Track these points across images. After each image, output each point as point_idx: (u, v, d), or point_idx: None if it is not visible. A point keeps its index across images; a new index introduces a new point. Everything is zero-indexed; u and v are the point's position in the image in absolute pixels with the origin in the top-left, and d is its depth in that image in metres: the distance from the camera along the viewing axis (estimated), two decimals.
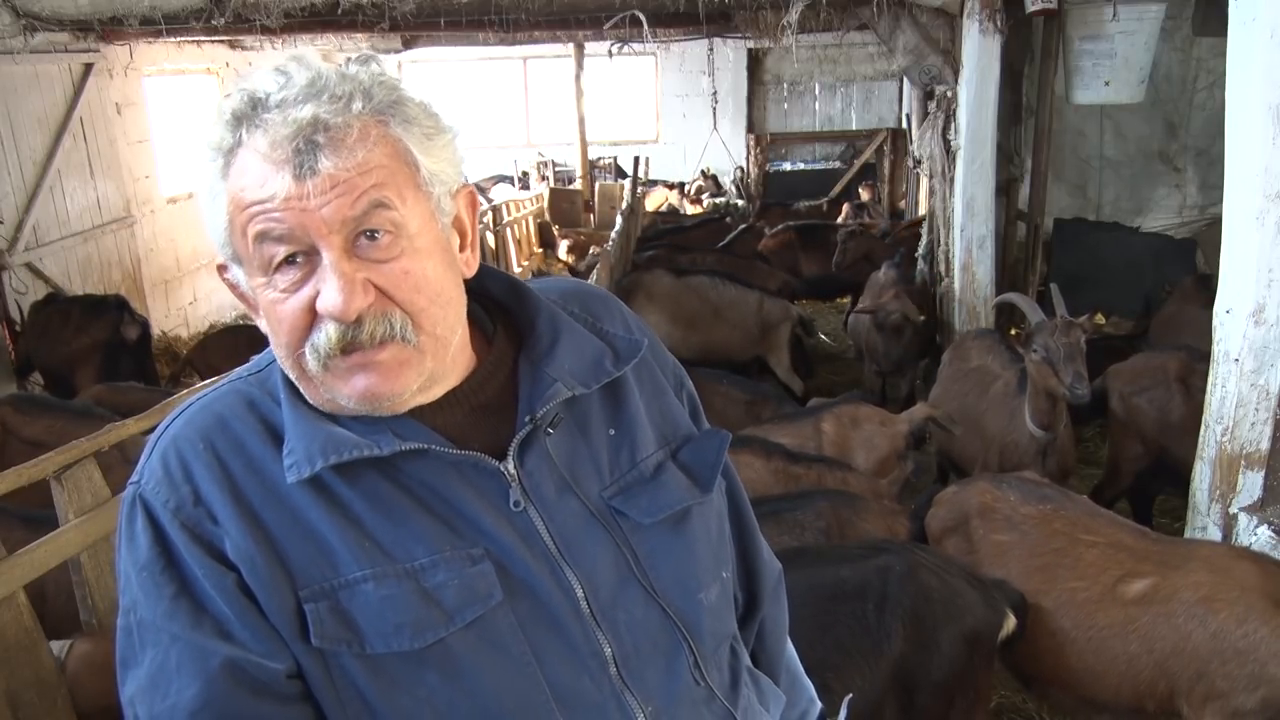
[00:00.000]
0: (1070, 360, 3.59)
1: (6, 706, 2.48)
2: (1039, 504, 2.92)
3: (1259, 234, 2.96)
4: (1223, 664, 2.43)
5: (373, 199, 0.90)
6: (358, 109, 0.90)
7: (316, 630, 0.91)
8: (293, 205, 0.88)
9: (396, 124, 0.93)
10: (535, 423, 1.00)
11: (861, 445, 3.96)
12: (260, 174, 0.89)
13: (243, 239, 0.92)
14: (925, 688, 2.43)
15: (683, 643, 1.05)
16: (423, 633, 0.92)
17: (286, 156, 0.88)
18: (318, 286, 0.91)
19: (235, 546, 0.92)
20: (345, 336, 0.91)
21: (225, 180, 0.91)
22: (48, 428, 4.08)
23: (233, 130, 0.90)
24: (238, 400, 1.00)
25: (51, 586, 2.99)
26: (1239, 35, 2.97)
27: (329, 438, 0.94)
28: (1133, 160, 7.04)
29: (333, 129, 0.88)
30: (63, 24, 5.23)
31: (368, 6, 5.15)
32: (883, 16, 5.11)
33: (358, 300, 0.90)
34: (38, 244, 7.03)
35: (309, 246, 0.90)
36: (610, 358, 1.07)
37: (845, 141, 12.83)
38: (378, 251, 0.92)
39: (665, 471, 1.08)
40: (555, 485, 1.01)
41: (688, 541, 1.07)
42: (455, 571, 0.94)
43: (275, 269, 0.92)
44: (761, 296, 6.17)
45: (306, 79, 0.90)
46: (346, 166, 0.88)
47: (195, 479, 0.94)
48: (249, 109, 0.90)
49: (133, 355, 6.33)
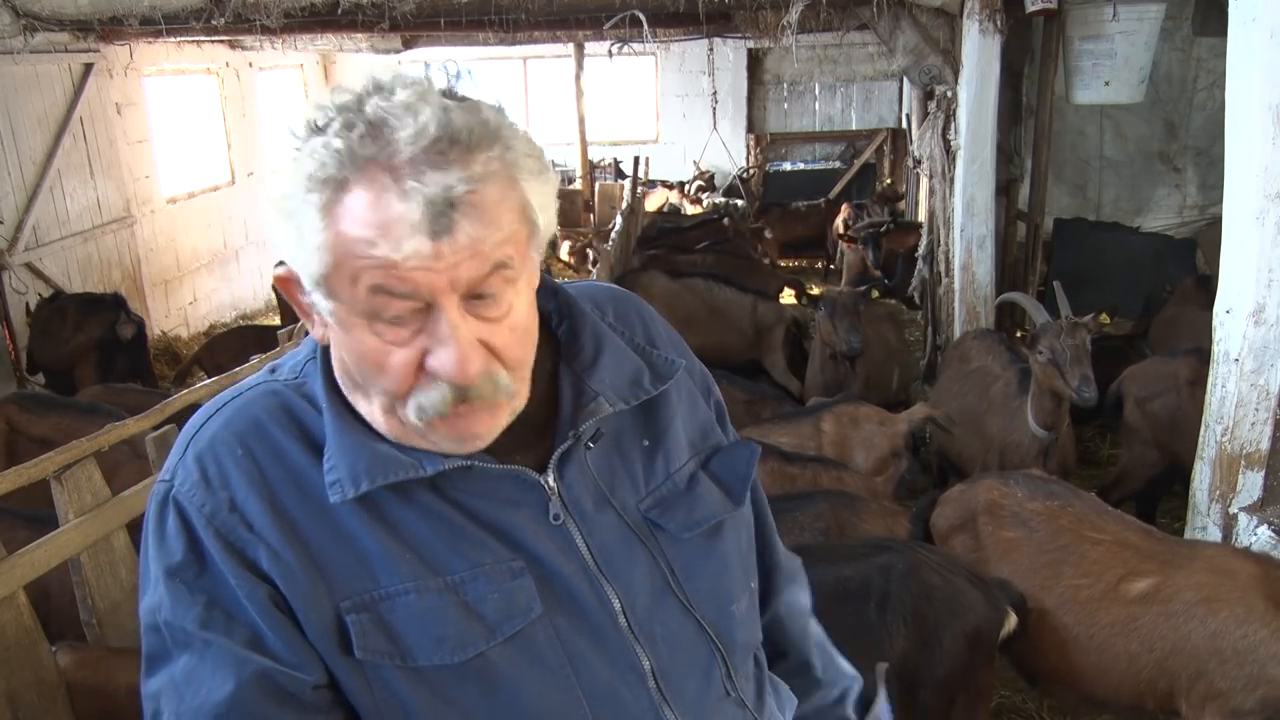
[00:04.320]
0: (1077, 362, 3.60)
1: (6, 706, 2.48)
2: (1046, 500, 2.92)
3: (1259, 234, 2.96)
4: (1222, 664, 2.44)
5: (498, 260, 0.87)
6: (494, 169, 0.86)
7: (360, 642, 0.91)
8: (426, 265, 0.83)
9: (526, 181, 0.89)
10: (577, 437, 1.00)
11: (861, 445, 3.96)
12: (389, 228, 0.82)
13: (351, 285, 0.86)
14: (927, 686, 2.43)
15: (716, 654, 1.05)
16: (464, 646, 0.92)
17: (425, 217, 0.82)
18: (428, 344, 0.88)
19: (272, 555, 0.91)
20: (460, 396, 0.89)
21: (328, 215, 0.84)
22: (55, 425, 4.10)
23: (344, 165, 0.83)
24: (275, 404, 0.98)
25: (56, 585, 2.99)
26: (1239, 35, 2.98)
27: (375, 458, 0.92)
28: (1133, 160, 7.04)
29: (475, 192, 0.84)
30: (63, 24, 5.23)
31: (368, 6, 5.15)
32: (883, 16, 5.11)
33: (475, 365, 0.88)
34: (38, 244, 7.03)
35: (428, 302, 0.86)
36: (649, 376, 1.06)
37: (845, 141, 12.82)
38: (489, 309, 0.89)
39: (698, 483, 1.08)
40: (594, 499, 1.00)
41: (721, 554, 1.08)
42: (495, 584, 0.94)
43: (382, 320, 0.87)
44: (756, 299, 6.17)
45: (437, 122, 0.83)
46: (486, 234, 0.85)
47: (232, 485, 0.93)
48: (370, 145, 0.83)
49: (128, 354, 6.33)
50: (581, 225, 11.14)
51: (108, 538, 2.89)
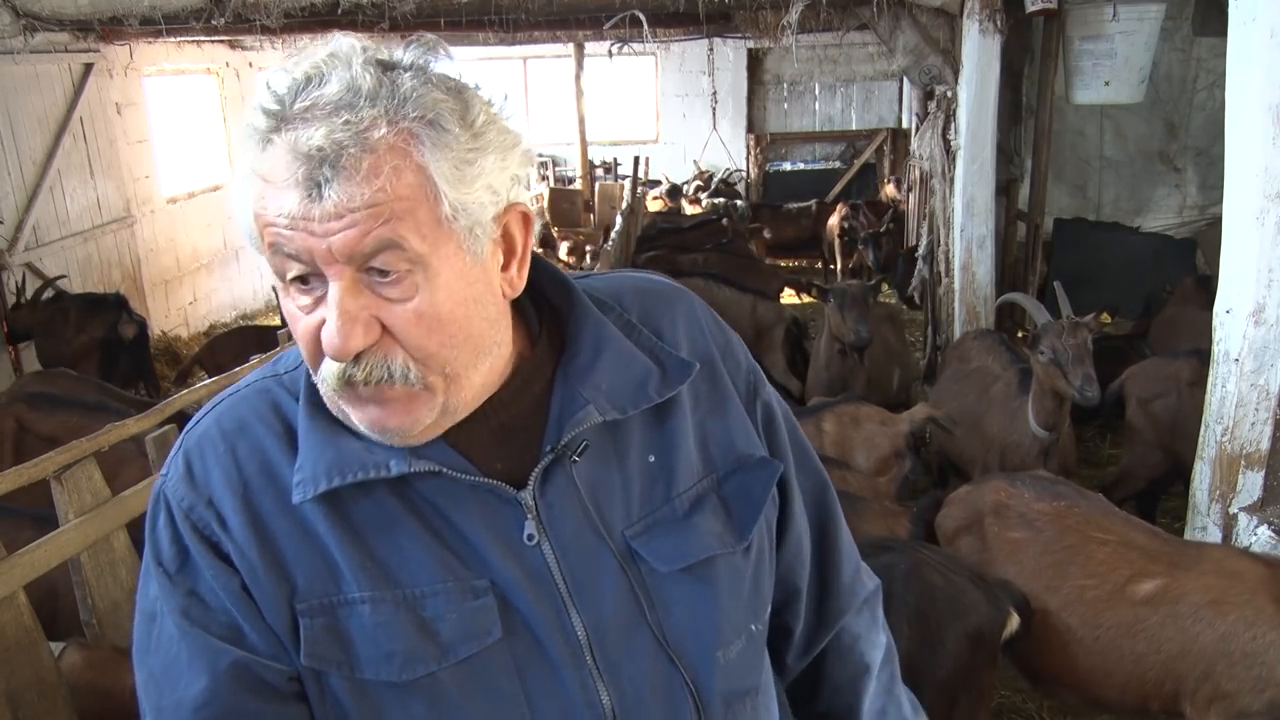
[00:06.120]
0: (1079, 362, 3.60)
1: (6, 706, 2.47)
2: (1053, 501, 2.91)
3: (1259, 234, 2.96)
4: (1229, 666, 2.43)
5: (382, 238, 0.82)
6: (380, 134, 0.81)
7: (308, 648, 0.90)
8: (299, 227, 0.82)
9: (427, 151, 0.83)
10: (558, 452, 0.94)
11: (862, 444, 3.96)
12: (274, 185, 0.83)
13: (262, 242, 0.86)
14: (929, 686, 2.42)
15: (689, 701, 0.97)
16: (413, 664, 0.90)
17: (297, 178, 0.81)
18: (324, 315, 0.85)
19: (238, 553, 0.91)
20: (344, 375, 0.86)
21: (255, 168, 0.84)
22: (62, 424, 4.10)
23: (266, 120, 0.83)
24: (263, 402, 0.97)
25: (63, 585, 2.98)
26: (1239, 35, 2.97)
27: (338, 456, 0.90)
28: (1133, 160, 7.04)
29: (345, 157, 0.80)
30: (63, 24, 5.22)
31: (368, 6, 5.15)
32: (883, 16, 5.10)
33: (355, 341, 0.84)
34: (38, 244, 7.03)
35: (319, 271, 0.84)
36: (656, 380, 0.98)
37: (845, 141, 12.82)
38: (389, 290, 0.85)
39: (701, 510, 1.00)
40: (575, 519, 0.94)
41: (711, 593, 0.99)
42: (455, 604, 0.91)
43: (290, 282, 0.87)
44: (755, 299, 6.16)
45: (337, 88, 0.82)
46: (353, 202, 0.81)
47: (211, 482, 0.93)
48: (275, 107, 0.83)
49: (130, 354, 6.34)
50: (581, 225, 11.14)
51: (108, 538, 2.88)
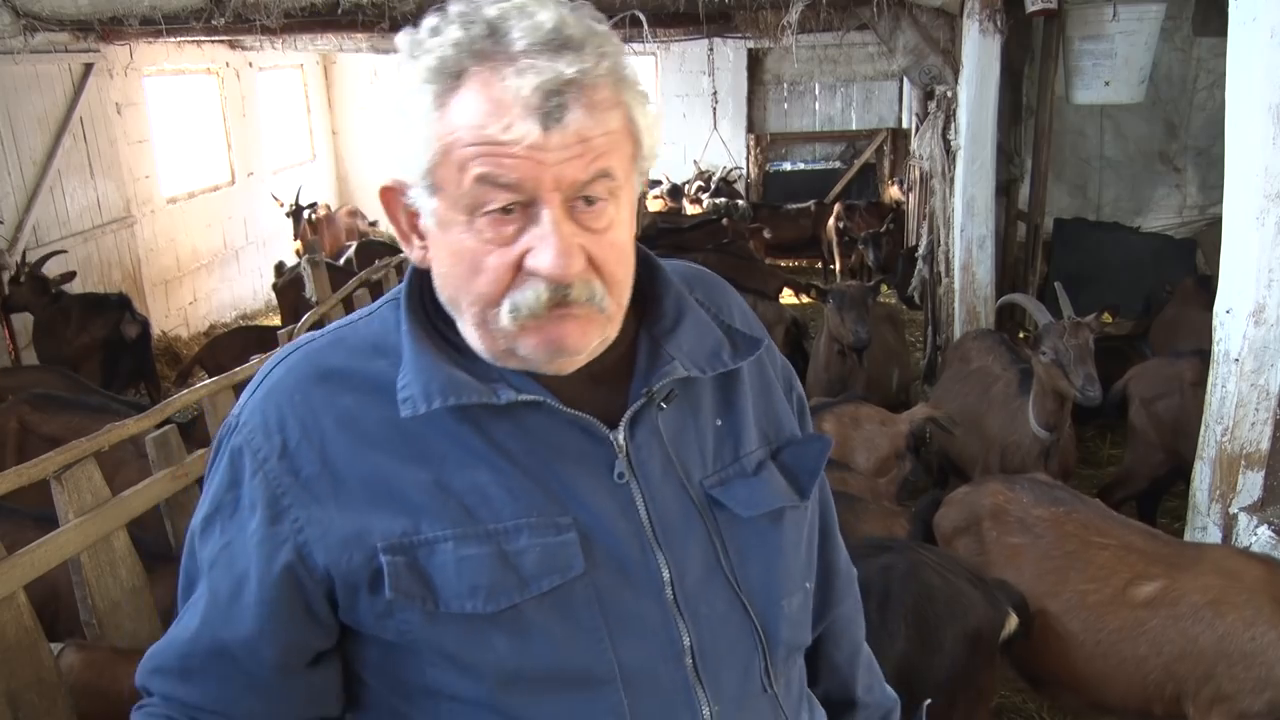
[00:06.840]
0: (1081, 362, 3.60)
1: (6, 706, 2.47)
2: (1052, 506, 2.91)
3: (1259, 234, 2.96)
4: (1230, 667, 2.43)
5: (602, 167, 0.88)
6: (605, 68, 0.88)
7: (392, 583, 0.92)
8: (533, 155, 0.85)
9: (629, 91, 0.91)
10: (650, 396, 0.98)
11: (862, 445, 3.96)
12: (503, 114, 0.84)
13: (457, 173, 0.87)
14: (928, 687, 2.42)
15: (759, 645, 1.03)
16: (496, 597, 0.92)
17: (538, 104, 0.84)
18: (530, 244, 0.88)
19: (312, 500, 0.93)
20: (556, 296, 0.89)
21: (442, 108, 0.86)
22: (65, 424, 4.09)
23: (462, 57, 0.85)
24: (340, 349, 0.99)
25: (64, 585, 2.98)
26: (1239, 35, 2.97)
27: (450, 379, 0.93)
28: (1133, 160, 7.03)
29: (587, 86, 0.86)
30: (63, 24, 5.22)
31: (368, 6, 5.14)
32: (883, 16, 5.10)
33: (576, 265, 0.88)
34: (38, 244, 7.02)
35: (530, 199, 0.87)
36: (729, 350, 1.05)
37: (845, 141, 12.81)
38: (593, 219, 0.90)
39: (766, 470, 1.06)
40: (661, 464, 0.99)
41: (779, 544, 1.05)
42: (538, 538, 0.93)
43: (484, 213, 0.88)
44: (755, 299, 6.16)
45: (553, 22, 0.85)
46: (593, 128, 0.86)
47: (287, 430, 0.95)
48: (486, 40, 0.85)
49: (133, 354, 6.33)
50: None
51: (108, 538, 2.88)
